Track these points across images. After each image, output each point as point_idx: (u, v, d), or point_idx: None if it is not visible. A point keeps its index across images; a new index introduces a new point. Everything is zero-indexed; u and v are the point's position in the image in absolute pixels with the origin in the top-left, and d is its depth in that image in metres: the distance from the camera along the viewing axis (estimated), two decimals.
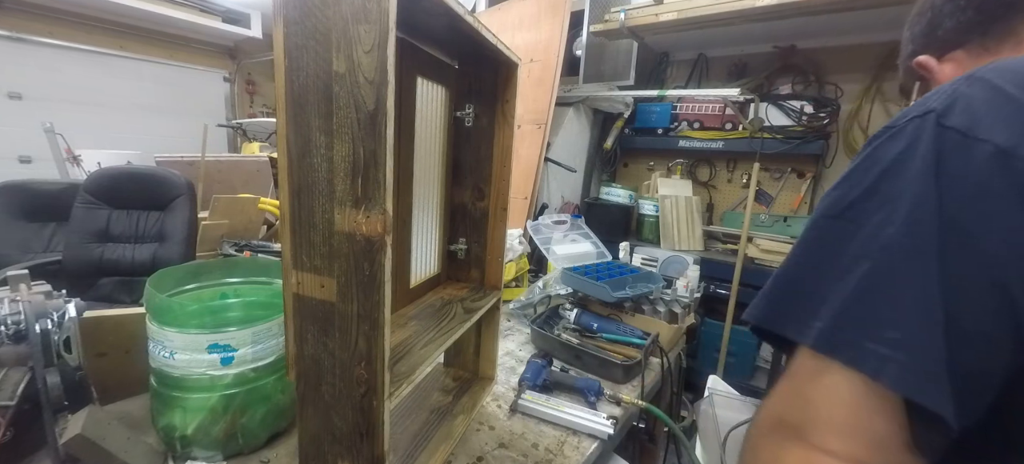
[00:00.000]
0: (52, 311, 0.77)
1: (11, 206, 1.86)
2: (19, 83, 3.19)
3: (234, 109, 4.29)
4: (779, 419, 0.38)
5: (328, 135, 0.53)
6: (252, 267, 0.95)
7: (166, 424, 0.76)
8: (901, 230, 0.33)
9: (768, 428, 0.39)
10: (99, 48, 3.47)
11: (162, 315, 0.74)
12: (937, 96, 0.36)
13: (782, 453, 0.36)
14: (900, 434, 0.33)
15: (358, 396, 0.58)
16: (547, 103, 2.24)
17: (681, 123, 2.67)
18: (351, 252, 0.54)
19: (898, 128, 0.37)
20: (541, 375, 1.05)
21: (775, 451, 0.37)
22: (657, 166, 2.96)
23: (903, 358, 0.32)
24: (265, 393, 0.79)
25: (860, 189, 0.37)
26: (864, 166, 0.38)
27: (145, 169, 1.99)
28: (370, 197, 0.52)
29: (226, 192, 2.11)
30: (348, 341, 0.57)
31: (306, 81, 0.53)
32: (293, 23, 0.52)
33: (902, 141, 0.36)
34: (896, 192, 0.34)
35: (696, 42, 2.66)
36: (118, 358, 0.88)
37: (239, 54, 4.25)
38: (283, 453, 0.81)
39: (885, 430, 0.33)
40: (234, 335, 0.75)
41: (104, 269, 1.78)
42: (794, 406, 0.37)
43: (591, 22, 2.56)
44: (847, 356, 0.34)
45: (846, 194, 0.38)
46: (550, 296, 1.49)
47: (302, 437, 0.64)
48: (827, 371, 0.35)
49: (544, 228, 1.63)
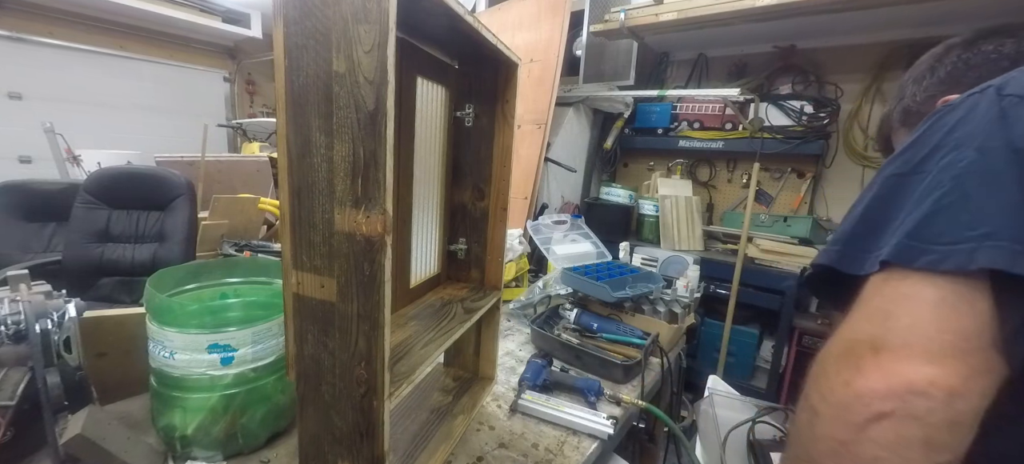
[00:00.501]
0: (52, 311, 0.77)
1: (11, 206, 1.85)
2: (19, 83, 3.19)
3: (234, 109, 4.29)
4: (851, 341, 0.36)
5: (328, 135, 0.53)
6: (252, 267, 0.95)
7: (166, 424, 0.76)
8: (973, 158, 0.34)
9: (839, 352, 0.37)
10: (99, 48, 3.47)
11: (162, 315, 0.74)
12: (992, 80, 0.38)
13: (858, 372, 0.34)
14: (987, 332, 0.32)
15: (358, 396, 0.58)
16: (547, 103, 2.24)
17: (681, 123, 2.68)
18: (351, 252, 0.54)
19: (956, 103, 0.39)
20: (541, 375, 1.05)
21: (850, 372, 0.34)
22: (657, 166, 2.96)
23: (992, 244, 0.32)
24: (265, 393, 0.79)
25: (925, 149, 0.38)
26: (925, 136, 0.39)
27: (145, 169, 1.99)
28: (370, 197, 0.52)
29: (226, 192, 2.11)
30: (348, 341, 0.57)
31: (306, 81, 0.53)
32: (293, 23, 0.52)
33: (962, 109, 0.38)
34: (963, 138, 0.36)
35: (696, 42, 2.66)
36: (118, 358, 0.88)
37: (239, 54, 4.25)
38: (283, 453, 0.81)
39: (972, 327, 0.32)
40: (234, 335, 0.75)
41: (104, 269, 1.78)
42: (869, 323, 0.36)
43: (591, 22, 2.56)
44: (928, 261, 0.34)
45: (911, 157, 0.39)
46: (550, 296, 1.49)
47: (302, 437, 0.64)
48: (905, 281, 0.34)
49: (544, 228, 1.63)
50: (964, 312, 0.32)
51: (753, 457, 0.75)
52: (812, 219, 2.30)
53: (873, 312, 0.36)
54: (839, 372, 0.36)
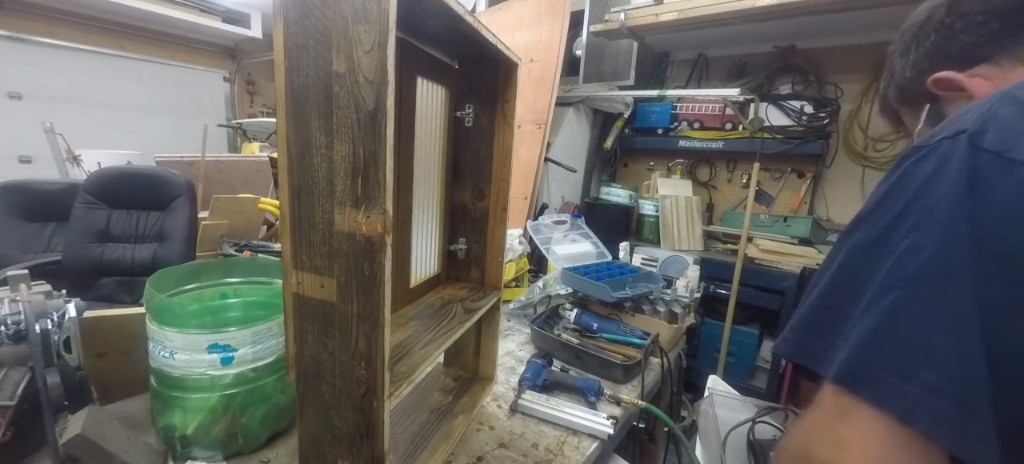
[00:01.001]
0: (52, 311, 0.77)
1: (11, 206, 1.85)
2: (19, 83, 3.19)
3: (234, 109, 4.29)
4: (807, 454, 0.36)
5: (328, 135, 0.53)
6: (252, 267, 0.95)
7: (166, 424, 0.76)
8: (932, 255, 0.32)
9: (793, 462, 0.38)
10: (99, 48, 3.47)
11: (162, 315, 0.74)
12: (969, 116, 0.35)
13: None
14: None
15: (358, 396, 0.58)
16: (547, 103, 2.24)
17: (681, 123, 2.67)
18: (351, 252, 0.54)
19: (929, 148, 0.36)
20: (541, 375, 1.05)
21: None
22: (657, 166, 2.96)
23: (935, 400, 0.30)
24: (265, 393, 0.79)
25: (891, 214, 0.36)
26: (894, 191, 0.37)
27: (145, 169, 1.99)
28: (370, 197, 0.52)
29: (226, 192, 2.11)
30: (348, 341, 0.57)
31: (306, 81, 0.53)
32: (293, 23, 0.52)
33: (933, 161, 0.35)
34: (926, 214, 0.33)
35: (696, 42, 2.66)
36: (118, 358, 0.88)
37: (239, 54, 4.24)
38: (283, 453, 0.81)
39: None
40: (234, 335, 0.75)
41: (104, 269, 1.78)
42: (823, 442, 0.35)
43: (591, 22, 2.56)
44: (875, 394, 0.33)
45: (878, 220, 0.37)
46: (550, 296, 1.49)
47: (302, 437, 0.64)
48: (856, 409, 0.33)
49: (544, 228, 1.63)
50: (916, 455, 0.31)
51: (753, 457, 0.75)
52: (812, 219, 2.30)
53: (827, 433, 0.35)
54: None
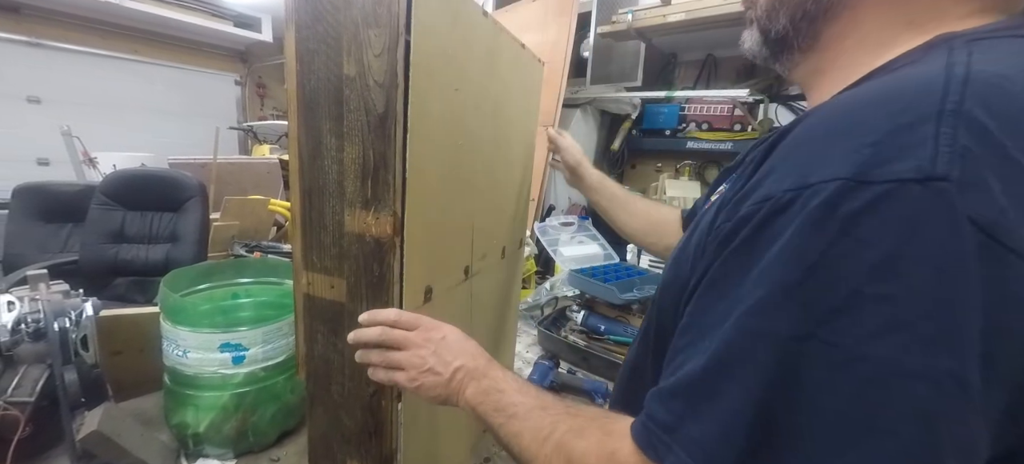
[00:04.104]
0: (70, 310, 0.79)
1: (29, 208, 1.90)
2: (38, 87, 3.26)
3: (245, 112, 4.35)
4: None
5: (338, 138, 0.53)
6: (263, 268, 0.96)
7: (179, 421, 0.77)
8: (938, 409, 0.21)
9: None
10: (114, 52, 3.54)
11: (176, 314, 0.75)
12: (926, 147, 0.22)
13: None
14: None
15: (367, 396, 0.58)
16: (554, 105, 2.24)
17: (689, 124, 2.66)
18: (361, 253, 0.55)
19: (872, 200, 0.23)
20: (548, 377, 1.05)
21: None
22: (665, 167, 2.94)
23: None
24: (275, 392, 0.80)
25: (834, 296, 0.23)
26: (833, 264, 0.23)
27: (159, 171, 2.02)
28: (379, 199, 0.52)
29: (237, 194, 2.14)
30: None
31: (317, 84, 0.53)
32: (304, 27, 0.53)
33: (894, 223, 0.22)
34: (911, 323, 0.22)
35: (704, 43, 2.65)
36: (133, 356, 0.90)
37: (250, 58, 4.30)
38: (292, 451, 0.81)
39: None
40: (245, 334, 0.76)
41: (119, 269, 1.81)
42: None
43: (598, 23, 2.56)
44: None
45: (810, 301, 0.24)
46: (557, 298, 1.49)
47: (312, 436, 0.65)
48: None
49: (551, 230, 1.63)
50: None
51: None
52: None
53: None
54: None
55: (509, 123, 0.80)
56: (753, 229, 0.27)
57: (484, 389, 0.46)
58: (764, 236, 0.26)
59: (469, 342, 0.51)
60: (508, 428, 0.43)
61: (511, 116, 0.81)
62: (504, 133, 0.79)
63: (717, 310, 0.29)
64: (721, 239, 0.30)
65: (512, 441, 0.42)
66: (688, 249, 0.37)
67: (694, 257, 0.35)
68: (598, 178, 0.87)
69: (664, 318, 0.40)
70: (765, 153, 0.31)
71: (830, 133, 0.27)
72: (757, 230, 0.27)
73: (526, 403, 0.43)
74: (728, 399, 0.26)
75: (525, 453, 0.40)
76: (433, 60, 0.53)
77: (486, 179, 0.76)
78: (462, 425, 0.84)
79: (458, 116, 0.62)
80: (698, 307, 0.31)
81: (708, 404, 0.27)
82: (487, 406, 0.45)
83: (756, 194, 0.28)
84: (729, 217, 0.30)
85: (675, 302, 0.36)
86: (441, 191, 0.61)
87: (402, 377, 0.50)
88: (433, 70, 0.54)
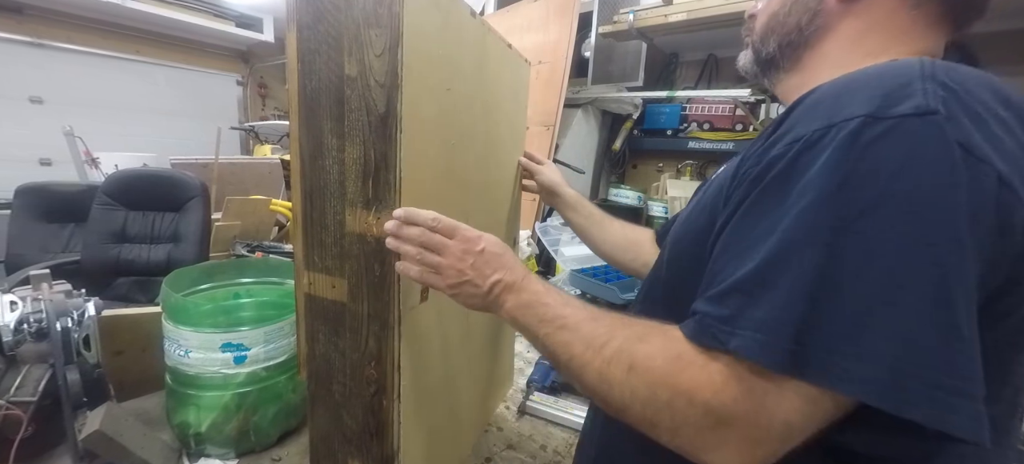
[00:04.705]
0: (72, 310, 0.79)
1: (31, 208, 1.90)
2: (40, 87, 3.27)
3: (246, 112, 4.35)
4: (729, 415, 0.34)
5: (340, 137, 0.54)
6: (264, 268, 0.96)
7: (181, 421, 0.77)
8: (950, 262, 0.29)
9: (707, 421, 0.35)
10: (116, 53, 3.55)
11: (177, 314, 0.75)
12: (918, 96, 0.31)
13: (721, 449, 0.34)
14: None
15: (368, 395, 0.58)
16: (555, 104, 2.24)
17: (691, 124, 2.66)
18: (362, 253, 0.55)
19: (890, 125, 0.31)
20: (549, 377, 1.05)
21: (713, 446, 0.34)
22: (666, 167, 2.94)
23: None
24: (277, 392, 0.80)
25: (864, 198, 0.31)
26: (855, 176, 0.31)
27: (160, 171, 2.03)
28: (380, 199, 0.53)
29: (239, 194, 2.14)
30: (359, 341, 0.58)
31: (318, 85, 0.54)
32: (306, 28, 0.53)
33: (903, 145, 0.30)
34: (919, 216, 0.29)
35: (706, 43, 2.64)
36: (135, 356, 0.90)
37: (251, 58, 4.31)
38: (294, 451, 0.82)
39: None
40: (247, 334, 0.76)
41: (120, 269, 1.82)
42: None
43: (600, 23, 2.56)
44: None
45: (850, 199, 0.31)
46: None
47: (313, 435, 0.65)
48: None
49: (552, 230, 1.63)
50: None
51: None
52: None
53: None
54: (701, 433, 0.35)
55: (499, 123, 0.80)
56: (788, 163, 0.34)
57: (525, 302, 0.49)
58: (800, 164, 0.33)
59: (507, 253, 0.52)
60: (556, 338, 0.44)
61: (501, 116, 0.81)
62: (495, 132, 0.79)
63: (760, 227, 0.34)
64: (752, 178, 0.36)
65: (560, 349, 0.44)
66: (702, 205, 0.44)
67: (713, 208, 0.41)
68: (575, 197, 0.89)
69: (677, 269, 0.47)
70: (775, 125, 0.38)
71: (845, 91, 0.35)
72: (792, 162, 0.34)
73: (575, 315, 0.45)
74: (784, 285, 0.32)
75: (576, 360, 0.42)
76: (425, 61, 0.53)
77: (480, 178, 0.76)
78: (463, 425, 0.84)
79: (451, 116, 0.63)
80: (737, 231, 0.37)
81: (767, 292, 0.33)
82: (530, 318, 0.48)
83: (784, 140, 0.35)
84: (757, 162, 0.36)
85: (695, 247, 0.42)
86: (437, 190, 0.61)
87: (438, 280, 0.51)
88: (425, 71, 0.54)
